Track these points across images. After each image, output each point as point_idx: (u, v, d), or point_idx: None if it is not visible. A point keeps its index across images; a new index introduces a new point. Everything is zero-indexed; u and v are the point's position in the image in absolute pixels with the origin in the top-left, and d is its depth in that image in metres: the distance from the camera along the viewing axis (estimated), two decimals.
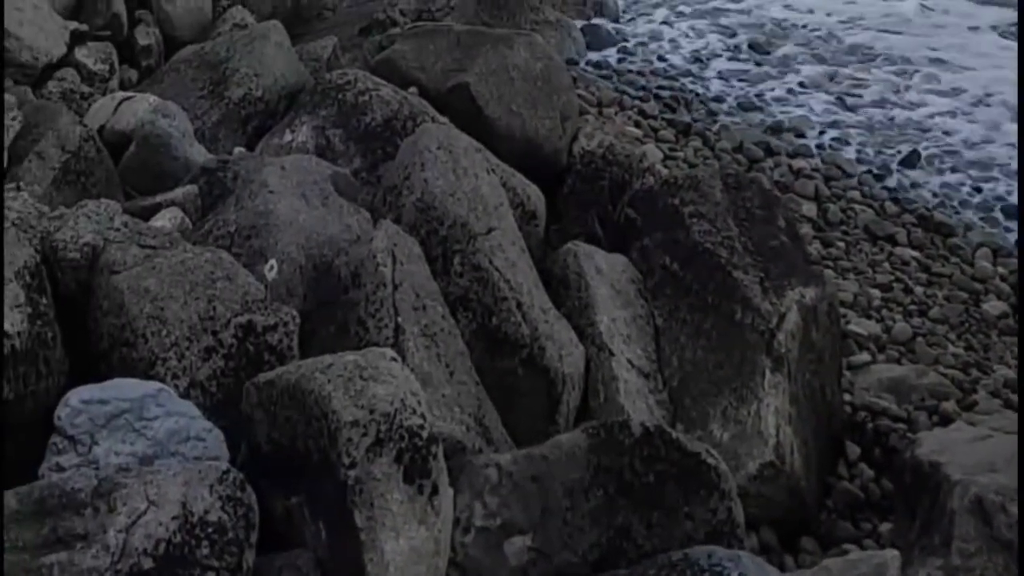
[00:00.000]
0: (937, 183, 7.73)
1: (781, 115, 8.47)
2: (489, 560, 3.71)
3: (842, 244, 6.83)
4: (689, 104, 8.29)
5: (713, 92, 8.72)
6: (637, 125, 7.64)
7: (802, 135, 8.12)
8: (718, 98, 8.58)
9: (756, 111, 8.50)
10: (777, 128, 8.15)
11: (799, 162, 7.58)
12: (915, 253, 6.84)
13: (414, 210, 4.67)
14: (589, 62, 8.86)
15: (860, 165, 7.79)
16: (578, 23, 9.39)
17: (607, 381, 4.77)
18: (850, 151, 8.02)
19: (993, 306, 6.35)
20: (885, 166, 7.83)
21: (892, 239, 6.94)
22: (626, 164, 6.00)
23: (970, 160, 8.03)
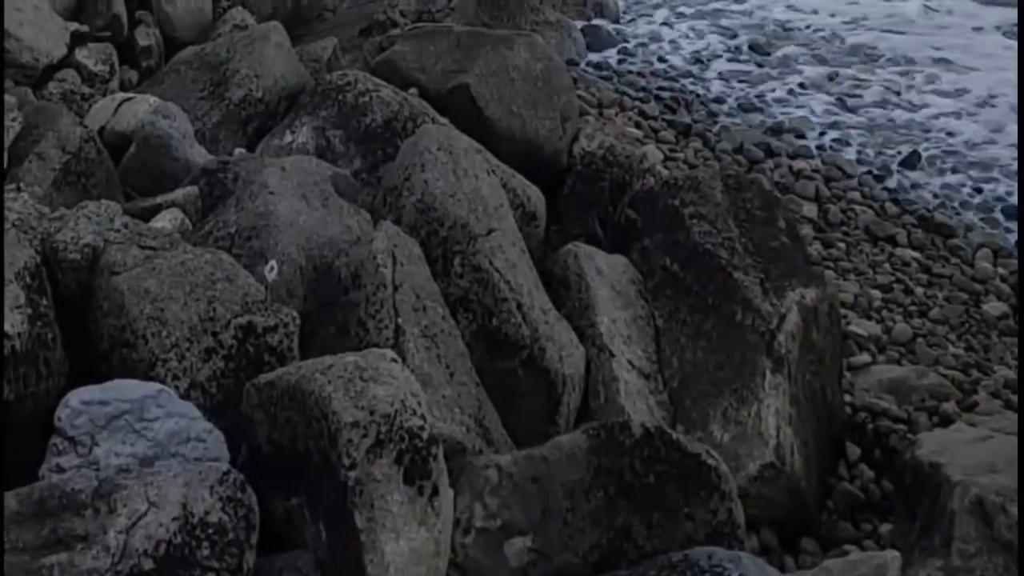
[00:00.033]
0: (938, 184, 7.72)
1: (782, 116, 8.47)
2: (489, 561, 3.71)
3: (842, 245, 6.82)
4: (689, 105, 8.28)
5: (714, 93, 8.71)
6: (637, 126, 7.63)
7: (802, 136, 8.11)
8: (718, 99, 8.58)
9: (756, 112, 8.49)
10: (777, 129, 8.15)
11: (799, 163, 7.58)
12: (915, 254, 6.83)
13: (414, 211, 4.67)
14: (589, 63, 8.86)
15: (860, 166, 7.78)
16: (578, 24, 9.39)
17: (607, 382, 4.77)
18: (851, 152, 8.01)
19: (993, 307, 6.35)
20: (886, 167, 7.82)
21: (892, 240, 6.94)
22: (626, 165, 6.00)
23: (971, 161, 8.03)
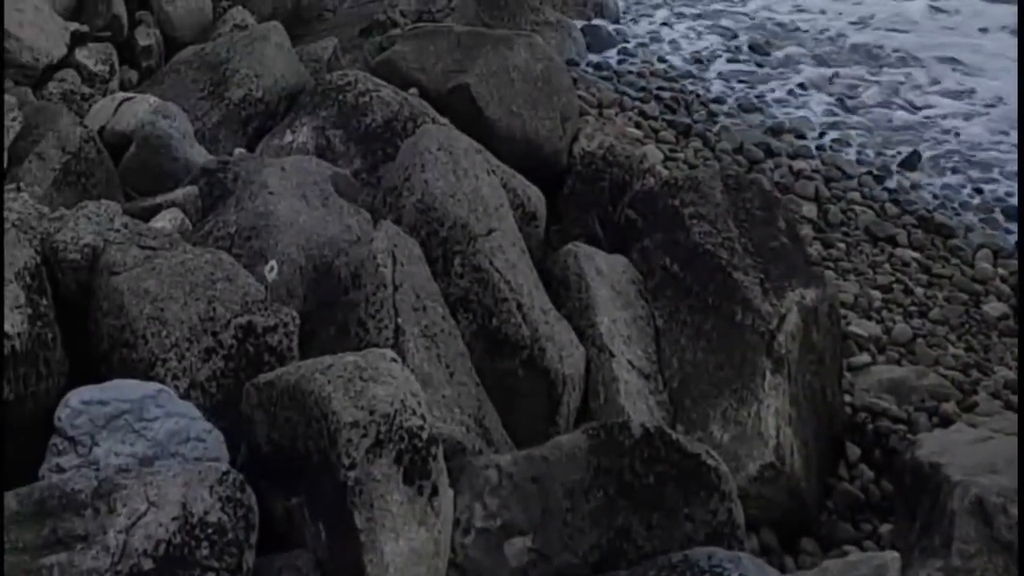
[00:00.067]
0: (938, 184, 7.72)
1: (781, 116, 8.46)
2: (489, 561, 3.71)
3: (842, 245, 6.82)
4: (689, 105, 8.28)
5: (714, 93, 8.70)
6: (637, 126, 7.63)
7: (802, 136, 8.11)
8: (719, 99, 8.57)
9: (756, 112, 8.48)
10: (777, 129, 8.14)
11: (799, 163, 7.57)
12: (915, 254, 6.83)
13: (414, 211, 4.67)
14: (589, 63, 8.85)
15: (861, 166, 7.77)
16: (578, 24, 9.38)
17: (607, 382, 4.77)
18: (851, 152, 8.01)
19: (993, 307, 6.35)
20: (886, 167, 7.81)
21: (892, 240, 6.94)
22: (626, 165, 6.00)
23: (971, 161, 8.03)
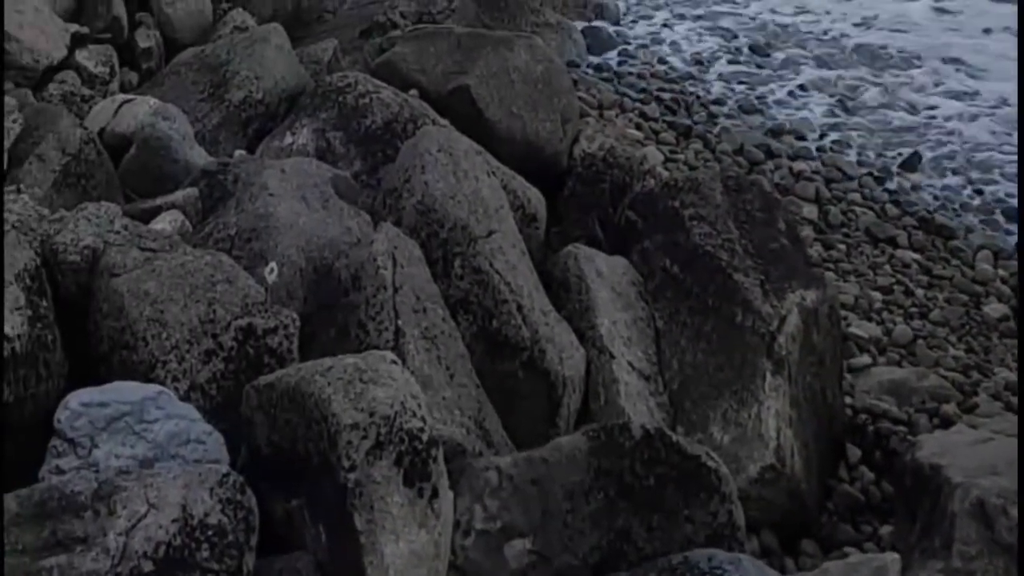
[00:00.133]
0: (938, 186, 7.72)
1: (782, 118, 8.46)
2: (489, 563, 3.71)
3: (843, 246, 6.82)
4: (690, 107, 8.28)
5: (714, 95, 8.70)
6: (638, 127, 7.64)
7: (803, 137, 8.11)
8: (719, 101, 8.57)
9: (757, 114, 8.49)
10: (778, 131, 8.14)
11: (800, 164, 7.57)
12: (916, 255, 6.83)
13: (414, 213, 4.67)
14: (590, 64, 8.85)
15: (861, 167, 7.78)
16: (579, 25, 9.39)
17: (607, 384, 4.76)
18: (851, 153, 8.01)
19: (994, 309, 6.35)
20: (886, 168, 7.82)
21: (893, 241, 6.94)
22: (627, 166, 6.00)
23: (971, 162, 8.03)
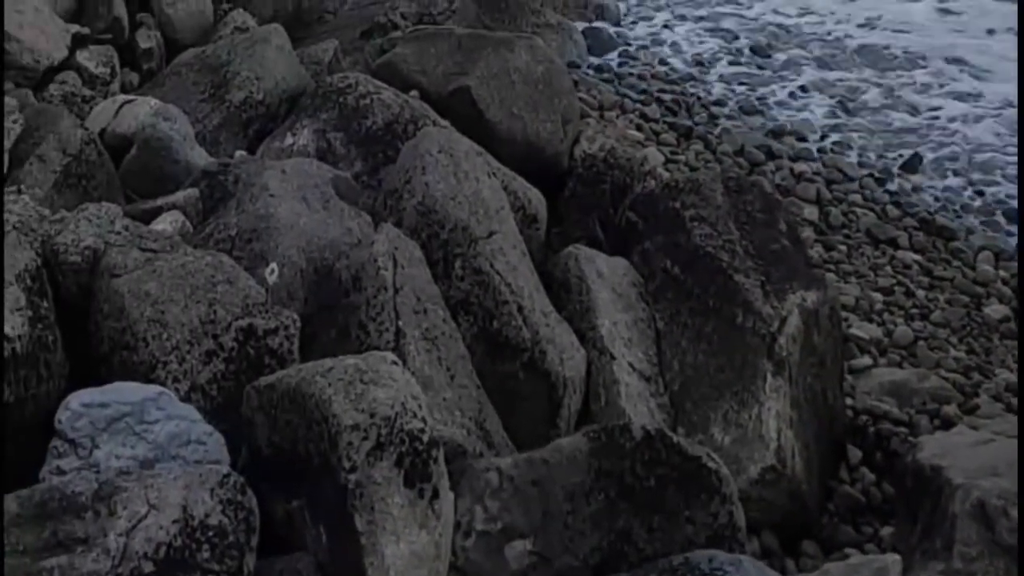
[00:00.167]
0: (939, 187, 7.72)
1: (783, 119, 8.46)
2: (490, 564, 3.71)
3: (844, 248, 6.82)
4: (690, 108, 8.28)
5: (715, 96, 8.70)
6: (638, 128, 7.63)
7: (803, 139, 8.10)
8: (719, 102, 8.57)
9: (758, 115, 8.48)
10: (779, 132, 8.14)
11: (800, 166, 7.57)
12: (917, 257, 6.83)
13: (415, 214, 4.67)
14: (590, 65, 8.85)
15: (862, 169, 7.77)
16: (579, 26, 9.38)
17: (608, 385, 4.76)
18: (852, 155, 8.01)
19: (995, 310, 6.34)
20: (887, 170, 7.81)
21: (894, 243, 6.94)
22: (627, 167, 5.99)
23: (972, 164, 8.02)
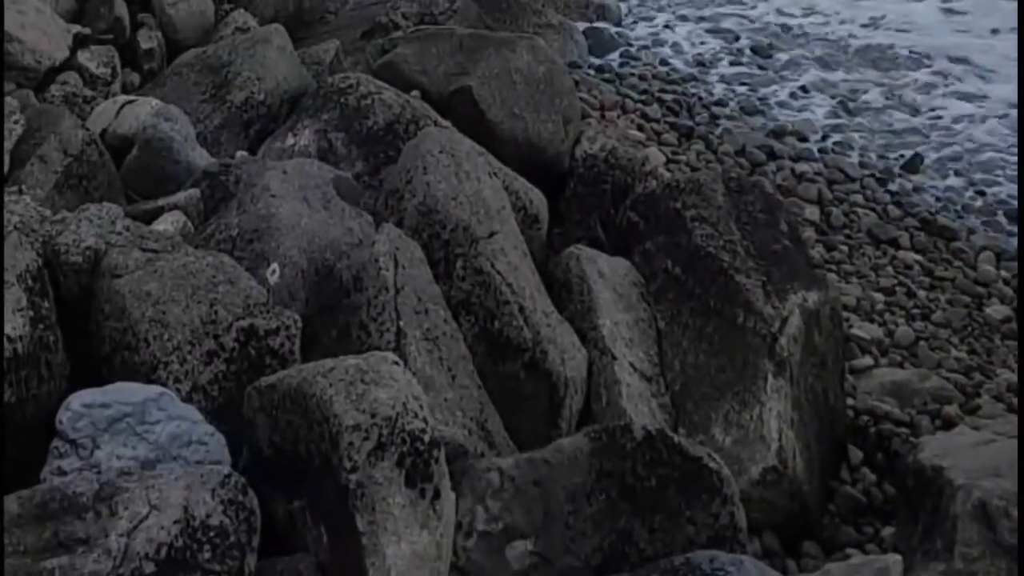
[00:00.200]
0: (940, 187, 7.71)
1: (784, 119, 8.45)
2: (491, 564, 3.71)
3: (845, 248, 6.81)
4: (692, 108, 8.27)
5: (716, 96, 8.68)
6: (639, 129, 7.62)
7: (805, 139, 8.09)
8: (721, 102, 8.56)
9: (759, 115, 8.47)
10: (780, 132, 8.12)
11: (802, 166, 7.56)
12: (918, 257, 6.82)
13: (416, 214, 4.67)
14: (591, 65, 8.83)
15: (863, 169, 7.76)
16: (580, 26, 9.37)
17: (609, 385, 4.76)
18: (853, 155, 7.99)
19: (996, 310, 6.34)
20: (888, 170, 7.80)
21: (895, 243, 6.93)
22: (628, 168, 5.99)
23: (973, 164, 8.02)
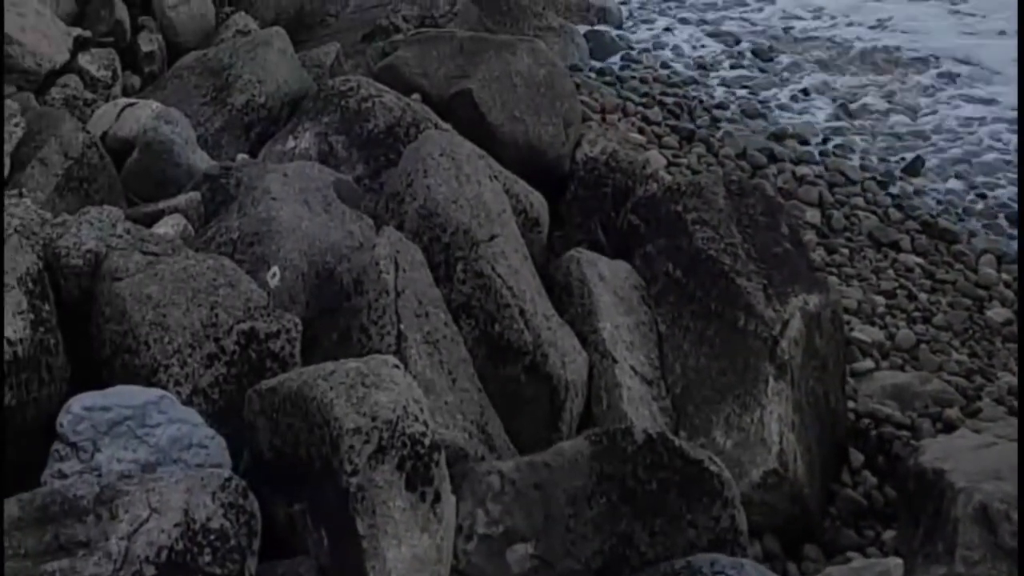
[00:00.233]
0: (941, 190, 7.71)
1: (785, 122, 8.45)
2: (492, 568, 3.71)
3: (846, 251, 6.81)
4: (693, 111, 8.27)
5: (717, 99, 8.68)
6: (640, 131, 7.62)
7: (805, 142, 8.09)
8: (722, 105, 8.55)
9: (760, 118, 8.47)
10: (781, 135, 8.12)
11: (802, 169, 7.56)
12: (919, 260, 6.82)
13: (417, 217, 4.67)
14: (592, 68, 8.83)
15: (864, 172, 7.75)
16: (581, 29, 9.37)
17: (610, 388, 4.76)
18: (854, 158, 7.99)
19: (997, 313, 6.34)
20: (889, 173, 7.80)
21: (896, 246, 6.93)
22: (629, 171, 5.99)
23: (974, 166, 8.01)
